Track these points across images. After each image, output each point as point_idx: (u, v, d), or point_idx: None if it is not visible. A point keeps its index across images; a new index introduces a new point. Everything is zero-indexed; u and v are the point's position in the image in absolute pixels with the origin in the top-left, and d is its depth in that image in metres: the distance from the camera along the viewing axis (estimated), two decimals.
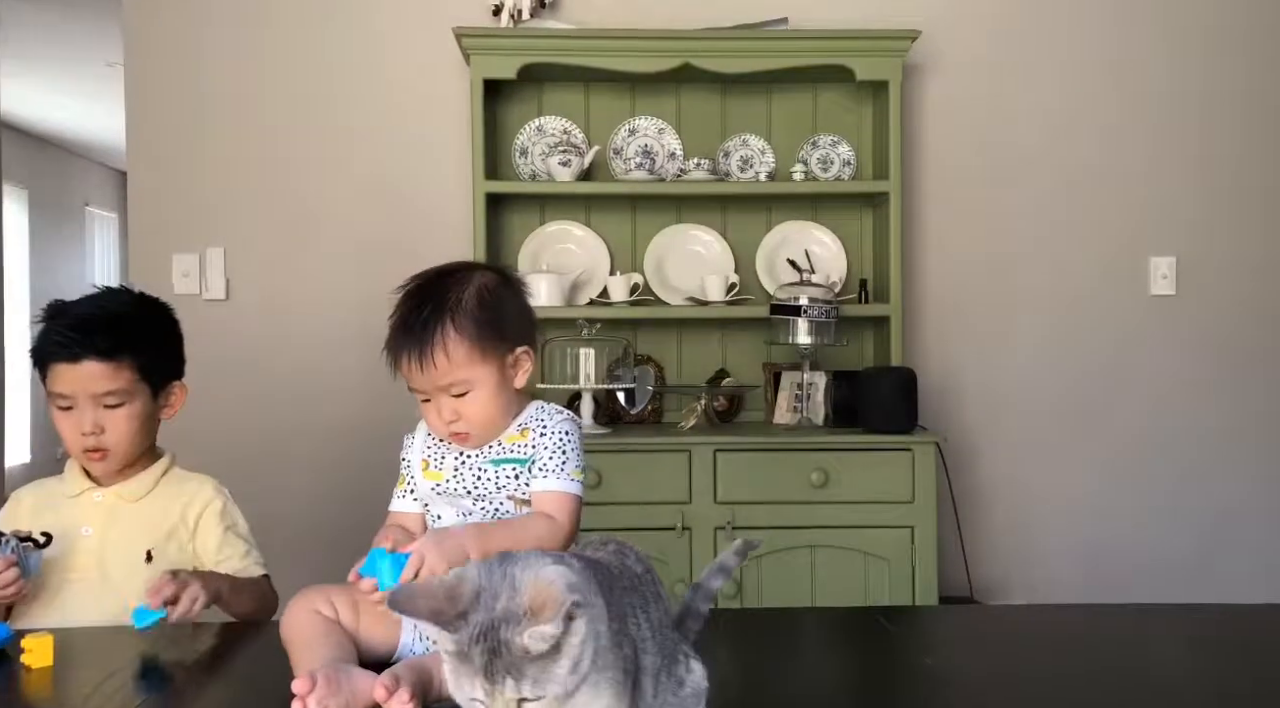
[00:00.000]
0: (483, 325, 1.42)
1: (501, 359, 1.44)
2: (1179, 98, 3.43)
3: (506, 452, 1.44)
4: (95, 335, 1.71)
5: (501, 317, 1.44)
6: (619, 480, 2.83)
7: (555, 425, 1.45)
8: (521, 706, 0.86)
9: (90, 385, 1.71)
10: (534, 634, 0.84)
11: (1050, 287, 3.41)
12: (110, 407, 1.72)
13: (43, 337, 1.74)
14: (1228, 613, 1.73)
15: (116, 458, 1.75)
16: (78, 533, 1.74)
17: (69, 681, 1.39)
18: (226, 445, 3.22)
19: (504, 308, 1.45)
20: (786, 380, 3.19)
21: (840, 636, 1.66)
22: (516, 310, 1.48)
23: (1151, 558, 3.38)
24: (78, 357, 1.70)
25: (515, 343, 1.46)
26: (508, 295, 1.47)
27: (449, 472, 1.46)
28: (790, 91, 3.33)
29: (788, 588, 2.84)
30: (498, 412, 1.44)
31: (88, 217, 9.17)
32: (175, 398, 1.82)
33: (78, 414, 1.72)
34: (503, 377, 1.44)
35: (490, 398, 1.43)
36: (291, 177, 3.31)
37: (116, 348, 1.71)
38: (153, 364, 1.76)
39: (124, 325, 1.75)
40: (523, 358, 1.47)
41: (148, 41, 3.30)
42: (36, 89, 6.85)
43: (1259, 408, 3.44)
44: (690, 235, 3.34)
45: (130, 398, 1.73)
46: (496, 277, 1.49)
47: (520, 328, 1.48)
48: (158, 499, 1.79)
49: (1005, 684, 1.37)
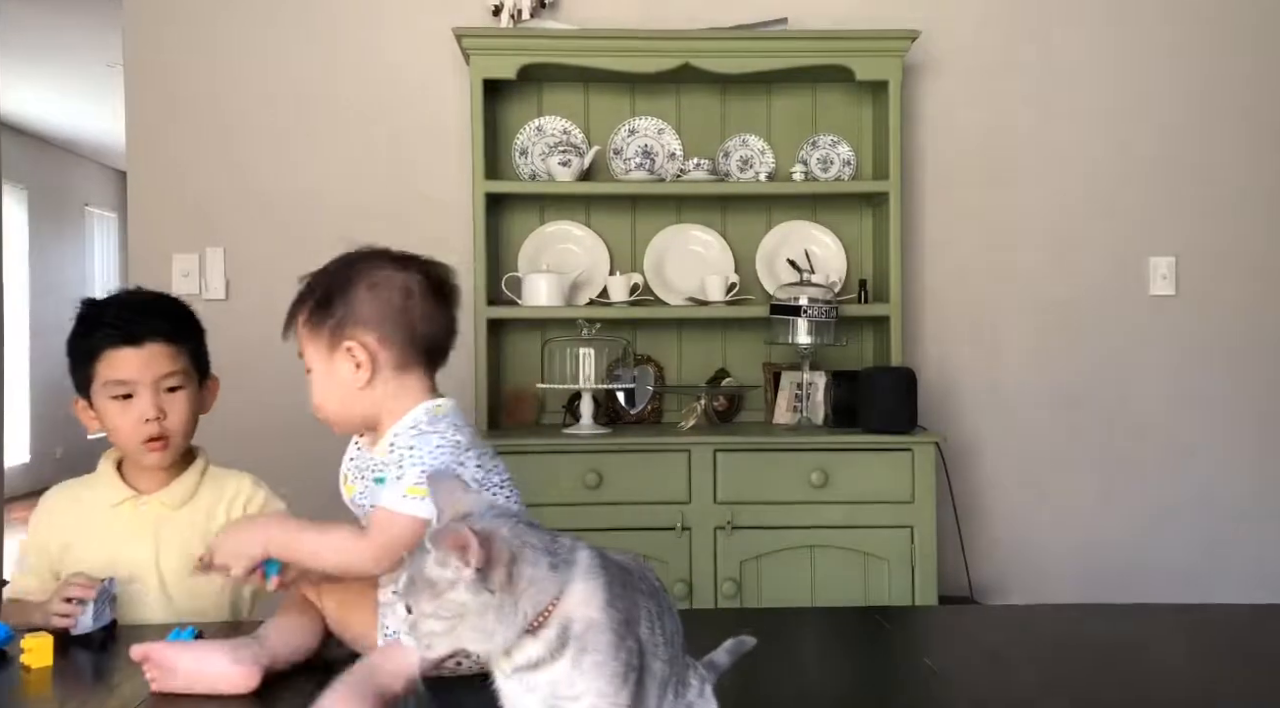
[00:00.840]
0: (315, 306, 1.42)
1: (326, 345, 1.41)
2: (1179, 97, 3.43)
3: (380, 468, 1.38)
4: (155, 317, 1.71)
5: (335, 303, 1.41)
6: (619, 480, 2.83)
7: (403, 442, 1.35)
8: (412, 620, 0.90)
9: (153, 368, 1.69)
10: (437, 558, 0.89)
11: (1050, 286, 3.41)
12: (171, 389, 1.71)
13: (90, 328, 1.71)
14: (1228, 613, 1.73)
15: (175, 446, 1.73)
16: (130, 549, 1.71)
17: (68, 681, 1.39)
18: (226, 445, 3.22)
19: (344, 298, 1.41)
20: (786, 380, 3.19)
21: (840, 636, 1.66)
22: (366, 306, 1.40)
23: (1151, 558, 3.38)
24: (140, 339, 1.68)
25: (343, 334, 1.40)
26: (366, 290, 1.41)
27: (359, 487, 1.43)
28: (790, 91, 3.33)
29: (787, 588, 2.84)
30: (326, 399, 1.42)
31: (87, 217, 9.17)
32: (211, 391, 1.82)
33: (138, 401, 1.68)
34: (329, 365, 1.41)
35: (319, 382, 1.43)
36: (291, 176, 3.31)
37: (176, 330, 1.73)
38: (200, 353, 1.78)
39: (175, 310, 1.77)
40: (353, 350, 1.39)
41: (148, 42, 3.30)
42: (36, 89, 6.85)
43: (1258, 407, 3.44)
44: (690, 235, 3.34)
45: (188, 382, 1.73)
46: (386, 275, 1.43)
47: (355, 322, 1.39)
48: (201, 502, 1.77)
49: (1005, 684, 1.37)
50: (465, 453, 1.36)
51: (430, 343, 1.44)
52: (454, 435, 1.36)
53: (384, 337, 1.40)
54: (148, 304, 1.76)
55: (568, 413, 3.19)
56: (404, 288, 1.42)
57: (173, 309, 1.78)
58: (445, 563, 0.88)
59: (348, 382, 1.40)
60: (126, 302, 1.76)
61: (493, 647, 0.90)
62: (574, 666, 0.89)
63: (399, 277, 1.43)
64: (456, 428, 1.37)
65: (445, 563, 0.88)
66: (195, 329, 1.80)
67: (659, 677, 0.95)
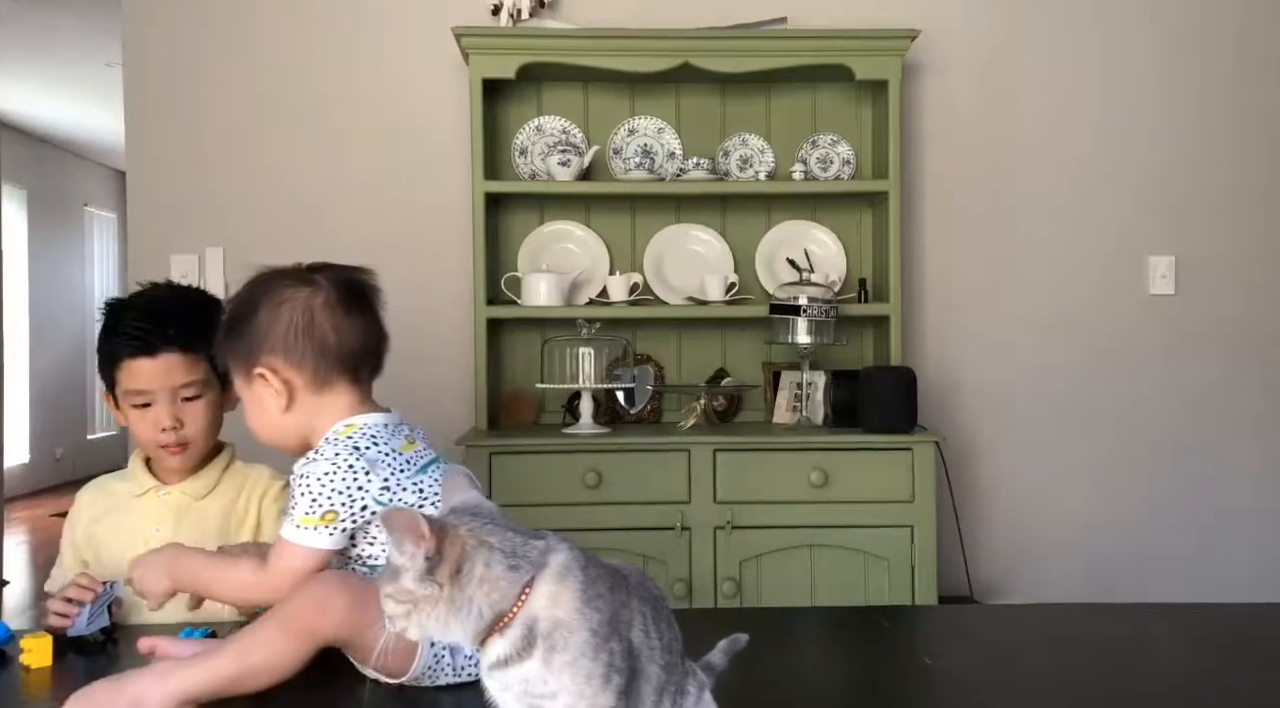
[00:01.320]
0: (224, 340, 1.43)
1: (242, 374, 1.41)
2: (1178, 97, 3.44)
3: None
4: (170, 326, 1.69)
5: (240, 330, 1.40)
6: (618, 480, 2.83)
7: (298, 467, 1.34)
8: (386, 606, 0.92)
9: (169, 378, 1.68)
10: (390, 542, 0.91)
11: (1049, 286, 3.41)
12: (188, 399, 1.70)
13: (110, 334, 1.71)
14: (1228, 613, 1.73)
15: (195, 451, 1.74)
16: (148, 532, 1.73)
17: (68, 681, 1.39)
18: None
19: (248, 323, 1.40)
20: (786, 380, 3.19)
21: (840, 635, 1.66)
22: (268, 328, 1.39)
23: (1151, 557, 3.38)
24: (154, 349, 1.67)
25: (254, 361, 1.39)
26: (266, 312, 1.40)
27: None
28: (789, 91, 3.33)
29: (787, 588, 2.84)
30: (258, 426, 1.42)
31: (87, 217, 9.17)
32: (232, 396, 1.78)
33: (156, 410, 1.69)
34: (249, 393, 1.41)
35: (248, 410, 1.43)
36: (290, 177, 3.31)
37: (193, 338, 1.69)
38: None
39: (196, 314, 1.72)
40: (264, 376, 1.39)
41: (147, 42, 3.30)
42: (36, 89, 6.85)
43: (1258, 407, 3.44)
44: (690, 235, 3.34)
45: (207, 389, 1.72)
46: (290, 293, 1.40)
47: (262, 348, 1.39)
48: (223, 494, 1.78)
49: (1005, 684, 1.37)
50: (365, 477, 1.32)
51: (348, 355, 1.40)
52: (347, 459, 1.32)
53: (292, 359, 1.38)
54: (167, 310, 1.72)
55: (567, 413, 3.19)
56: (306, 305, 1.38)
57: (193, 314, 1.73)
58: (401, 549, 0.91)
59: (270, 408, 1.40)
60: (145, 307, 1.73)
61: (452, 639, 0.92)
62: (545, 665, 0.90)
63: (301, 294, 1.39)
64: (355, 451, 1.33)
65: (401, 549, 0.91)
66: (212, 331, 1.78)
67: (655, 682, 0.95)
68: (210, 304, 1.79)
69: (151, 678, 1.18)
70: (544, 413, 3.29)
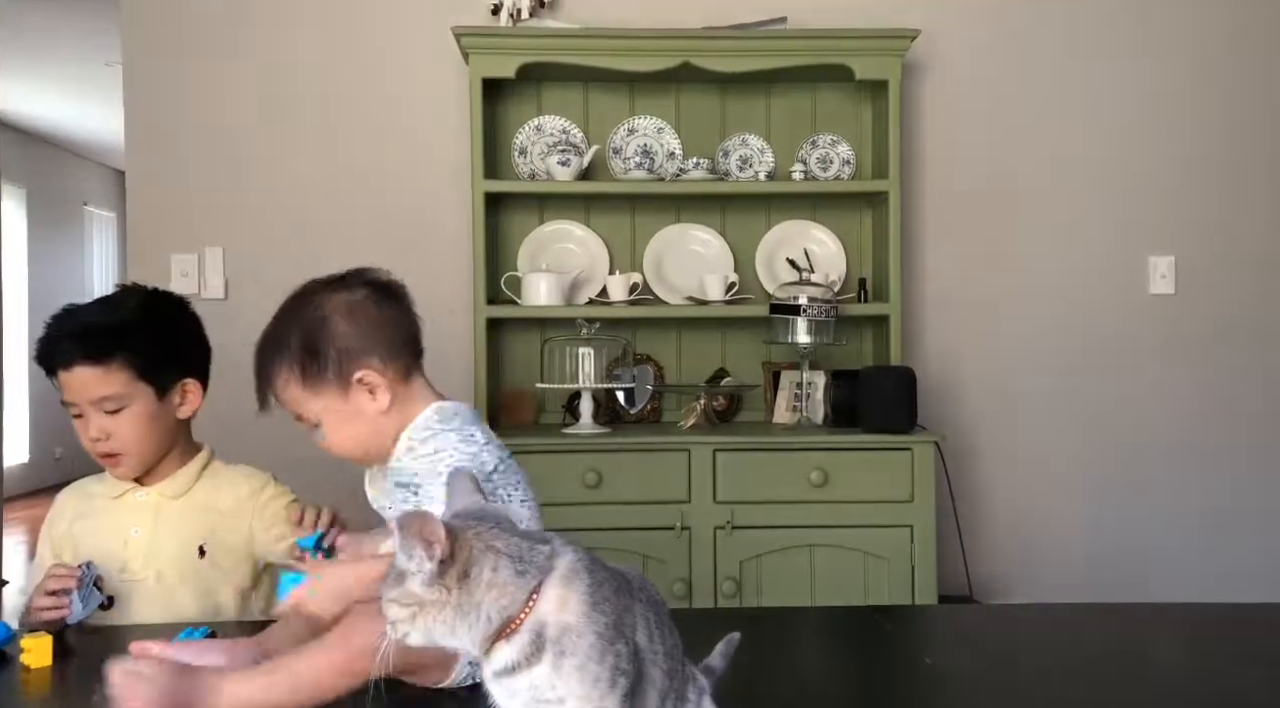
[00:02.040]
0: (304, 363, 1.37)
1: (337, 390, 1.38)
2: (1178, 97, 3.44)
3: (399, 474, 1.38)
4: (84, 340, 1.68)
5: (324, 349, 1.37)
6: (618, 480, 2.83)
7: (424, 447, 1.35)
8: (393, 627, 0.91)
9: (86, 391, 1.69)
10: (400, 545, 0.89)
11: (1049, 285, 3.41)
12: (111, 411, 1.70)
13: (41, 345, 1.72)
14: (1228, 613, 1.73)
15: (130, 461, 1.73)
16: (127, 535, 1.73)
17: (68, 681, 1.39)
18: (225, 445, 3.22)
19: (328, 337, 1.38)
20: (786, 380, 3.19)
21: (839, 635, 1.66)
22: (351, 334, 1.39)
23: (1151, 557, 3.38)
24: (69, 363, 1.68)
25: (350, 370, 1.38)
26: (343, 321, 1.39)
27: (378, 489, 1.44)
28: (789, 91, 3.33)
29: (787, 587, 2.84)
30: (355, 440, 1.40)
31: (86, 216, 9.16)
32: (189, 396, 1.79)
33: (85, 422, 1.70)
34: (346, 407, 1.38)
35: (341, 428, 1.39)
36: (290, 176, 3.31)
37: (105, 351, 1.68)
38: (151, 364, 1.72)
39: (116, 328, 1.71)
40: (368, 380, 1.38)
41: (146, 41, 3.30)
42: (35, 88, 6.85)
43: (1258, 407, 3.44)
44: (689, 235, 3.34)
45: (129, 401, 1.70)
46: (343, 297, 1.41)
47: (354, 354, 1.38)
48: (202, 493, 1.78)
49: (1005, 684, 1.37)
50: (482, 446, 1.36)
51: (415, 342, 1.45)
52: (469, 430, 1.37)
53: (386, 357, 1.40)
54: (82, 325, 1.71)
55: (567, 413, 3.19)
56: (369, 305, 1.41)
57: (115, 325, 1.72)
58: (410, 553, 0.89)
59: (370, 413, 1.39)
60: (60, 321, 1.72)
61: (459, 644, 0.91)
62: (554, 669, 0.89)
63: (358, 296, 1.42)
64: (468, 421, 1.39)
65: (410, 553, 0.89)
66: (151, 339, 1.74)
67: (659, 687, 0.95)
68: (164, 313, 1.78)
69: (205, 691, 1.17)
70: (544, 413, 3.29)
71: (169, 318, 1.80)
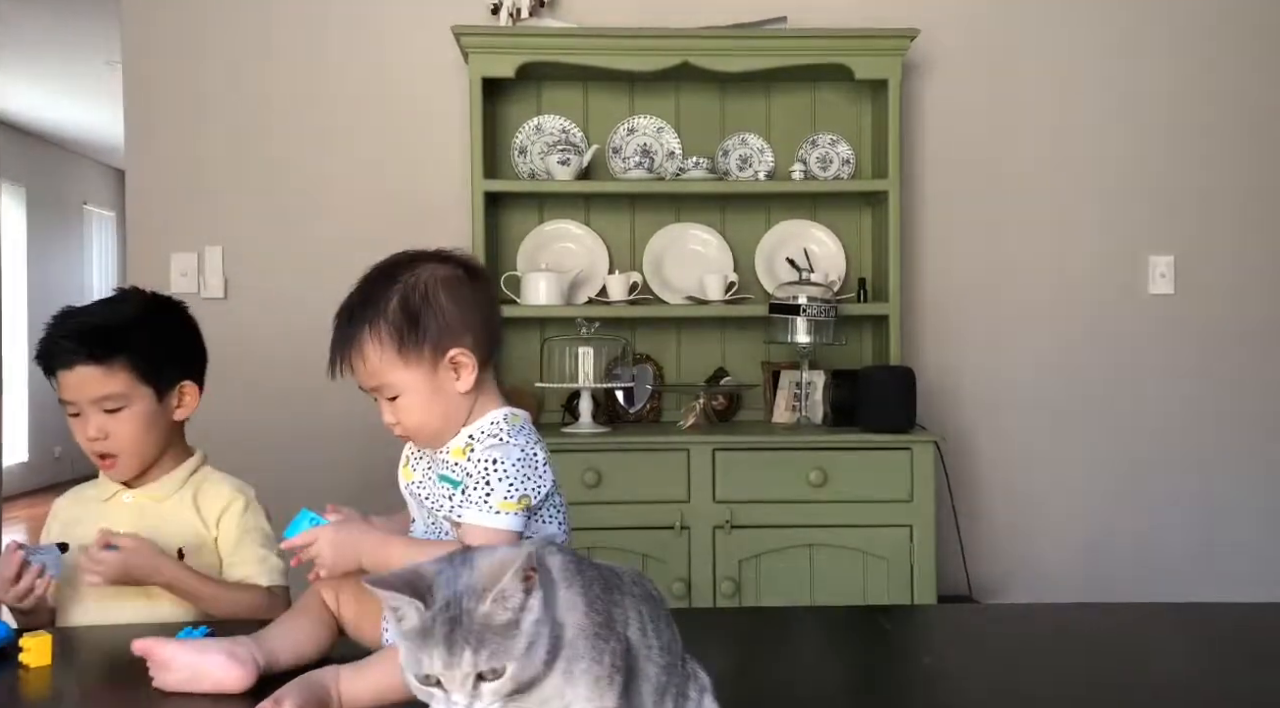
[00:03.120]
0: (401, 330, 1.34)
1: (429, 364, 1.35)
2: (1178, 96, 3.43)
3: (449, 468, 1.37)
4: (87, 340, 1.69)
5: (425, 320, 1.34)
6: (618, 480, 2.83)
7: (483, 451, 1.33)
8: (479, 686, 0.85)
9: (86, 391, 1.69)
10: (496, 595, 0.85)
11: (1049, 285, 3.41)
12: (110, 411, 1.70)
13: (42, 344, 1.73)
14: (1228, 613, 1.73)
15: (126, 462, 1.73)
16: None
17: (67, 680, 1.39)
18: (224, 444, 3.21)
19: (431, 309, 1.35)
20: (785, 379, 3.19)
21: (838, 635, 1.66)
22: (452, 310, 1.36)
23: (1151, 557, 3.38)
24: (71, 363, 1.69)
25: (447, 346, 1.35)
26: (445, 294, 1.36)
27: (419, 475, 1.43)
28: (789, 90, 3.33)
29: (786, 587, 2.84)
30: (430, 418, 1.37)
31: (86, 215, 9.16)
32: (186, 398, 1.79)
33: (83, 421, 1.71)
34: (433, 382, 1.35)
35: (421, 404, 1.36)
36: (289, 175, 3.31)
37: (108, 351, 1.69)
38: (152, 366, 1.73)
39: (119, 328, 1.72)
40: (460, 359, 1.36)
41: (146, 40, 3.30)
42: (35, 87, 6.84)
43: (1257, 406, 3.44)
44: (689, 234, 3.34)
45: (129, 401, 1.71)
46: (444, 271, 1.39)
47: (453, 330, 1.35)
48: (184, 499, 1.78)
49: (1004, 683, 1.37)
50: (543, 467, 1.36)
51: (496, 330, 1.43)
52: (533, 448, 1.36)
53: (476, 337, 1.37)
54: (86, 325, 1.71)
55: (566, 412, 3.19)
56: (469, 283, 1.39)
57: (118, 326, 1.72)
58: (508, 597, 0.85)
59: (452, 392, 1.37)
60: (62, 321, 1.73)
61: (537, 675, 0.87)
62: (565, 678, 0.88)
63: (456, 271, 1.39)
64: (538, 441, 1.37)
65: (508, 597, 0.85)
66: (152, 341, 1.74)
67: (654, 682, 0.94)
68: (164, 315, 1.79)
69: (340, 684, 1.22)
70: (543, 412, 3.29)
71: (170, 321, 1.81)
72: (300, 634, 1.37)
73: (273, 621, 1.41)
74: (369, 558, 1.33)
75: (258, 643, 1.32)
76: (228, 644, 1.31)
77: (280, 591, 1.75)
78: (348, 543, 1.34)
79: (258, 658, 1.30)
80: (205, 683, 1.28)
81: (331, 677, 1.23)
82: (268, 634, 1.35)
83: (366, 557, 1.33)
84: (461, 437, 1.37)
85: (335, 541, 1.35)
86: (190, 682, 1.28)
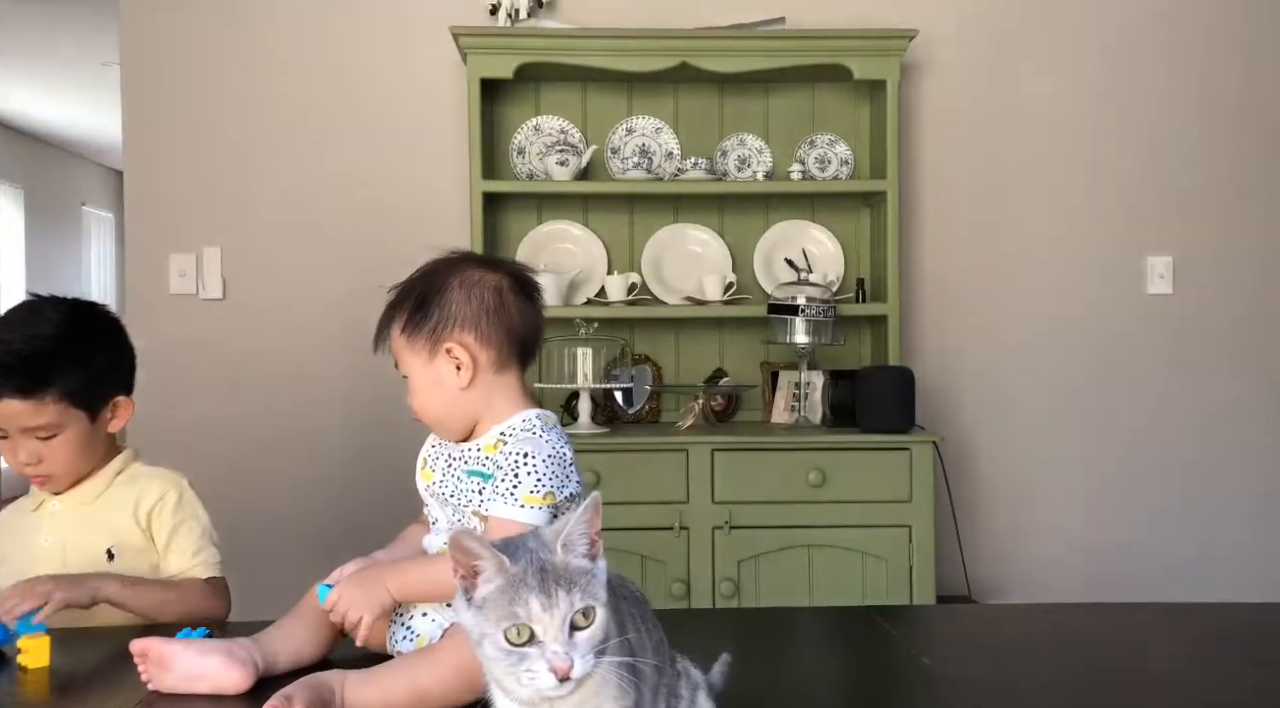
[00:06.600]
0: (410, 314, 1.40)
1: (427, 351, 1.40)
2: (1177, 97, 3.44)
3: (478, 463, 1.39)
4: (12, 373, 1.61)
5: (430, 308, 1.40)
6: (616, 480, 2.82)
7: (515, 445, 1.36)
8: (574, 635, 0.87)
9: (16, 422, 1.63)
10: (565, 541, 0.89)
11: (1047, 286, 3.41)
12: (43, 438, 1.65)
13: None
14: (1226, 613, 1.74)
15: (61, 480, 1.71)
16: (39, 544, 1.71)
17: (66, 681, 1.39)
18: (223, 444, 3.21)
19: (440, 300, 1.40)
20: (784, 380, 3.19)
21: (837, 635, 1.66)
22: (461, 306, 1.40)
23: (1150, 557, 3.38)
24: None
25: (444, 337, 1.40)
26: (462, 291, 1.41)
27: (439, 475, 1.45)
28: (788, 91, 3.33)
29: (785, 587, 2.83)
30: (430, 405, 1.42)
31: (84, 216, 9.16)
32: (119, 412, 1.74)
33: (14, 444, 1.66)
34: (431, 371, 1.40)
35: (421, 389, 1.42)
36: (288, 176, 3.30)
37: (36, 384, 1.62)
38: (83, 388, 1.67)
39: (44, 356, 1.64)
40: (456, 353, 1.40)
41: (145, 41, 3.29)
42: (33, 88, 6.84)
43: (1256, 406, 3.44)
44: (688, 235, 3.34)
45: (62, 428, 1.66)
46: (480, 275, 1.43)
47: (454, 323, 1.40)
48: (112, 498, 1.74)
49: (1003, 684, 1.37)
50: (571, 467, 1.38)
51: (525, 341, 1.45)
52: (563, 447, 1.39)
53: (482, 335, 1.40)
54: (8, 354, 1.62)
55: (565, 413, 3.19)
56: (496, 287, 1.42)
57: (44, 352, 1.63)
58: (576, 543, 0.90)
59: (450, 384, 1.40)
60: None
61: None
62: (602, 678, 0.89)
63: (491, 276, 1.43)
64: (568, 442, 1.41)
65: (576, 543, 0.90)
66: (82, 363, 1.67)
67: (650, 682, 0.95)
68: (91, 331, 1.71)
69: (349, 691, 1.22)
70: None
71: (97, 337, 1.73)
72: (299, 637, 1.37)
73: (273, 622, 1.40)
74: (393, 584, 1.36)
75: (257, 645, 1.32)
76: (227, 645, 1.30)
77: (219, 581, 1.73)
78: (368, 581, 1.36)
79: (257, 659, 1.30)
80: (204, 684, 1.28)
81: (338, 681, 1.22)
82: (267, 636, 1.35)
83: (391, 584, 1.36)
84: (493, 433, 1.40)
85: (357, 587, 1.36)
86: (189, 683, 1.28)
